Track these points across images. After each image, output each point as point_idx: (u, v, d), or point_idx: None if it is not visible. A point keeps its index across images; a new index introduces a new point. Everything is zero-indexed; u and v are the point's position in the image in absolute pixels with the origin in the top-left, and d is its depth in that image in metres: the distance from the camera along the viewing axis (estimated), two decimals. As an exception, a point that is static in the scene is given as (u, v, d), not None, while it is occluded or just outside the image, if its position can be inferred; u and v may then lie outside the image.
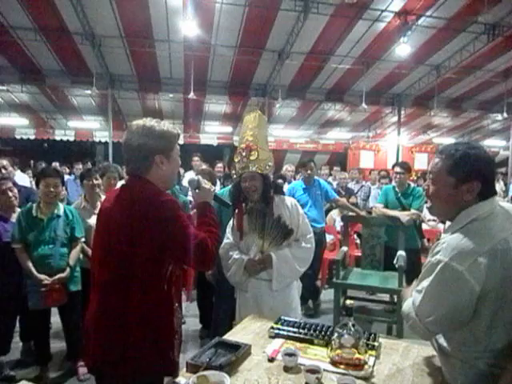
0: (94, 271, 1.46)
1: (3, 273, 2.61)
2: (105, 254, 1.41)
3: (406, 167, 4.18)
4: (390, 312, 3.94)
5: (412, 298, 1.31)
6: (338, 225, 5.28)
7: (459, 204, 1.24)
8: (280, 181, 5.15)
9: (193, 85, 9.87)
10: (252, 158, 2.15)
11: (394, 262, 3.87)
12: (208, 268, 1.52)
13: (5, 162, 3.95)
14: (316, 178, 4.41)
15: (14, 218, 2.76)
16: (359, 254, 4.47)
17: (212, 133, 13.87)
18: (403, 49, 8.33)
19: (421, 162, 13.99)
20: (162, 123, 1.45)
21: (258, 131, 2.21)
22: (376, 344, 1.63)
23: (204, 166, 6.43)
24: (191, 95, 10.03)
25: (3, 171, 3.79)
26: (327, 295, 4.38)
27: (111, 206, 1.42)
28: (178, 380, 1.33)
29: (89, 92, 10.45)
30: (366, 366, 1.46)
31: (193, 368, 1.44)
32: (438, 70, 10.14)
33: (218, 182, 5.48)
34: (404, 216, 3.88)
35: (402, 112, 12.68)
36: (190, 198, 3.98)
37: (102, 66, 9.80)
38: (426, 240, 4.99)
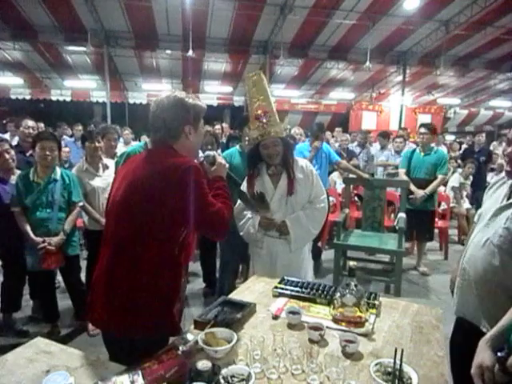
0: (108, 228, 1.50)
1: (7, 233, 2.64)
2: (124, 211, 1.43)
3: (432, 128, 4.19)
4: (389, 272, 4.04)
5: None
6: (339, 187, 5.30)
7: None
8: (291, 141, 5.12)
9: (191, 42, 9.49)
10: (271, 122, 2.11)
11: (395, 223, 3.95)
12: (222, 237, 1.55)
13: (30, 123, 3.85)
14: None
15: (12, 179, 2.76)
16: (359, 216, 4.52)
17: (212, 93, 13.54)
18: (411, 3, 7.93)
19: (424, 124, 13.77)
20: (191, 96, 1.53)
21: (266, 93, 2.14)
22: (376, 303, 1.68)
23: (208, 128, 6.36)
24: (190, 53, 9.69)
25: (31, 131, 3.66)
26: (328, 255, 4.48)
27: (136, 166, 1.47)
28: (186, 336, 1.39)
29: (84, 49, 10.09)
30: (367, 324, 1.52)
31: (200, 325, 1.50)
32: (447, 26, 9.71)
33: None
34: (420, 193, 4.04)
35: (407, 71, 12.30)
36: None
37: (97, 21, 9.38)
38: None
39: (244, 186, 2.33)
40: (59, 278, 3.20)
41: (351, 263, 1.59)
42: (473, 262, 1.43)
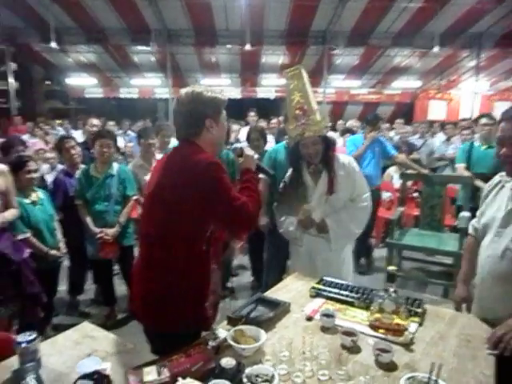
0: (142, 223, 1.59)
1: (71, 224, 2.89)
2: (153, 209, 1.51)
3: (495, 119, 3.80)
4: (448, 275, 3.75)
5: None
6: (397, 182, 5.01)
7: None
8: (348, 134, 4.99)
9: (249, 35, 9.54)
10: (309, 121, 2.04)
11: (456, 222, 3.65)
12: (248, 231, 1.55)
13: (95, 122, 4.23)
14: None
15: (77, 174, 3.00)
16: (419, 214, 4.25)
17: (269, 86, 13.51)
18: (487, -21, 7.17)
19: (501, 112, 12.47)
20: (210, 89, 1.51)
21: (305, 89, 2.07)
22: (419, 310, 1.57)
23: (261, 123, 6.40)
24: (247, 47, 9.75)
25: (95, 130, 4.04)
26: (382, 253, 4.28)
27: (163, 165, 1.52)
28: (217, 332, 1.41)
29: (148, 49, 10.64)
30: (407, 333, 1.42)
31: (233, 321, 1.52)
32: (532, 2, 8.65)
33: (273, 138, 5.43)
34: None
35: (482, 55, 11.19)
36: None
37: (160, 21, 9.83)
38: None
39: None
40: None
41: (390, 268, 1.49)
42: (495, 277, 1.31)
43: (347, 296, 1.72)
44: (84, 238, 2.95)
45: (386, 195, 4.95)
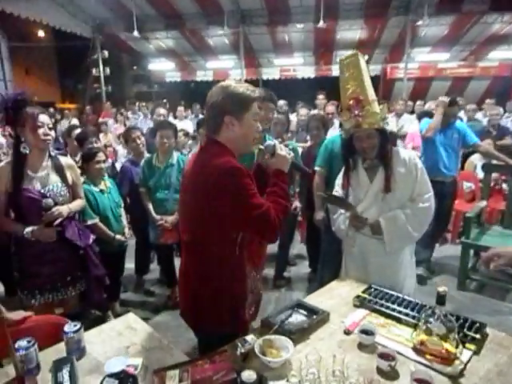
0: (179, 225, 1.60)
1: (137, 208, 3.08)
2: (184, 216, 1.52)
3: None
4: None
5: None
6: (481, 171, 4.44)
7: None
8: (426, 118, 4.56)
9: (323, 10, 9.07)
10: (365, 113, 1.86)
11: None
12: (270, 239, 1.47)
13: (162, 111, 4.46)
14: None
15: (142, 163, 3.17)
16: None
17: (345, 63, 12.82)
18: None
19: None
20: (240, 84, 1.41)
21: (361, 77, 1.87)
22: (477, 336, 1.37)
23: (330, 107, 6.10)
24: (321, 23, 9.30)
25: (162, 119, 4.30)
26: (459, 251, 3.87)
27: (189, 169, 1.50)
28: (247, 337, 1.40)
29: (222, 31, 10.76)
30: (457, 362, 1.26)
31: (266, 327, 1.49)
32: None
33: (338, 124, 5.16)
34: None
35: None
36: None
37: (233, 2, 9.84)
38: None
39: (339, 178, 2.18)
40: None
41: (440, 289, 1.30)
42: None
43: (394, 310, 1.58)
44: (147, 223, 3.13)
45: (466, 185, 4.44)
